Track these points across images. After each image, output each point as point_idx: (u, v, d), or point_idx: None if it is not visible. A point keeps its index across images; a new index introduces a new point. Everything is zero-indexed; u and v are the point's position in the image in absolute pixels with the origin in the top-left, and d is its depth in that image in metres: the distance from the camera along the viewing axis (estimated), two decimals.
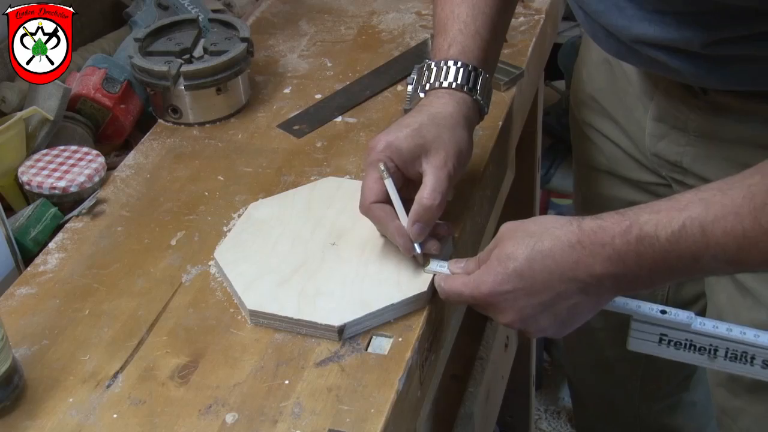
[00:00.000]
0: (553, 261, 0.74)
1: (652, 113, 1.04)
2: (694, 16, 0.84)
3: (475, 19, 0.89)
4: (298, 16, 1.31)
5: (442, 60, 0.88)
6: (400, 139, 0.82)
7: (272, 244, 0.87)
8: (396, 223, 0.81)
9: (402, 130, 0.82)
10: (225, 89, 1.08)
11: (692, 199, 0.71)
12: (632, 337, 0.80)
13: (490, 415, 1.36)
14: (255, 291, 0.82)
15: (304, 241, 0.87)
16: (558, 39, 1.88)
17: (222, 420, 0.72)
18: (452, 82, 0.86)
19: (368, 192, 0.82)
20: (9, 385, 0.74)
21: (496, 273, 0.76)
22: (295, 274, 0.83)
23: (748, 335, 0.76)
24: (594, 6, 0.93)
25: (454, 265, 0.81)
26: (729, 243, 0.69)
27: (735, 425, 1.11)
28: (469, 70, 0.87)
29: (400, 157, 0.82)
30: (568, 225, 0.75)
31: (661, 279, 0.75)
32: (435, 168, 0.81)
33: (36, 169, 0.97)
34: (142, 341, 0.80)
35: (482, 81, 0.88)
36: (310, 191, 0.94)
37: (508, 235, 0.77)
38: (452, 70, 0.87)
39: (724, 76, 0.88)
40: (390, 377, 0.75)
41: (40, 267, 0.89)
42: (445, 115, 0.84)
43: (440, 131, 0.83)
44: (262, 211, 0.91)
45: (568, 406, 2.02)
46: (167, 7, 1.22)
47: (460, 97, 0.86)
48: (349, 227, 0.88)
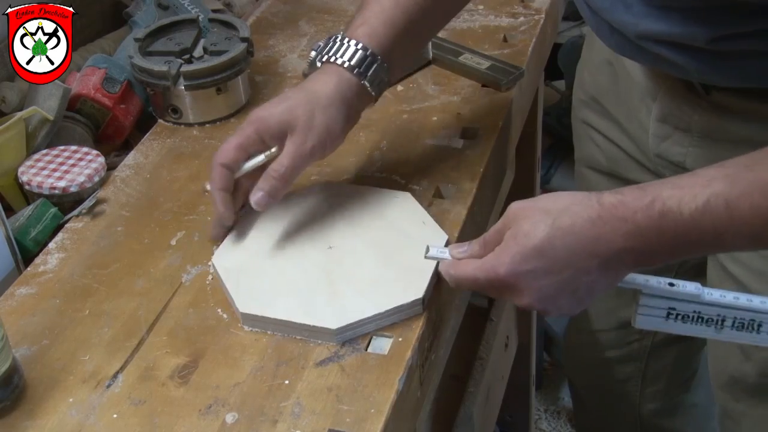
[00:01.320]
0: (574, 237, 0.72)
1: (656, 114, 1.04)
2: (700, 12, 0.84)
3: (396, 6, 0.89)
4: (298, 16, 1.31)
5: (348, 37, 0.89)
6: (273, 115, 0.85)
7: (269, 247, 0.87)
8: (224, 200, 0.86)
9: (277, 107, 0.86)
10: (225, 89, 1.08)
11: (716, 175, 0.70)
12: (639, 314, 0.79)
13: (490, 415, 1.36)
14: (249, 294, 0.82)
15: (300, 245, 0.87)
16: (558, 39, 1.88)
17: (222, 420, 0.72)
18: (345, 61, 0.87)
19: (222, 152, 0.86)
20: (9, 385, 0.74)
21: (514, 253, 0.73)
22: (291, 277, 0.83)
23: (754, 302, 0.76)
24: (600, 2, 0.93)
25: (456, 250, 0.80)
26: (755, 220, 0.69)
27: (737, 428, 1.11)
28: (367, 54, 0.87)
29: (267, 132, 0.86)
30: (587, 200, 0.73)
31: (681, 254, 0.74)
32: (293, 144, 0.84)
33: (36, 169, 0.97)
34: (142, 341, 0.80)
35: (377, 68, 0.88)
36: (307, 194, 0.94)
37: (522, 214, 0.75)
38: (350, 49, 0.88)
39: (729, 73, 0.88)
40: (390, 377, 0.75)
41: (40, 267, 0.89)
42: (321, 95, 0.86)
43: (312, 111, 0.85)
44: (259, 213, 0.91)
45: (568, 406, 2.02)
46: (167, 7, 1.22)
47: (346, 77, 0.87)
48: (345, 231, 0.88)
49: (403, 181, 0.96)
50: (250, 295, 0.81)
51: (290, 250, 0.87)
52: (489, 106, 1.07)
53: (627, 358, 1.36)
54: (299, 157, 0.84)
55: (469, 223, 0.94)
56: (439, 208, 0.92)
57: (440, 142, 1.02)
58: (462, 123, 1.05)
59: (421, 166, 0.98)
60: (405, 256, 0.84)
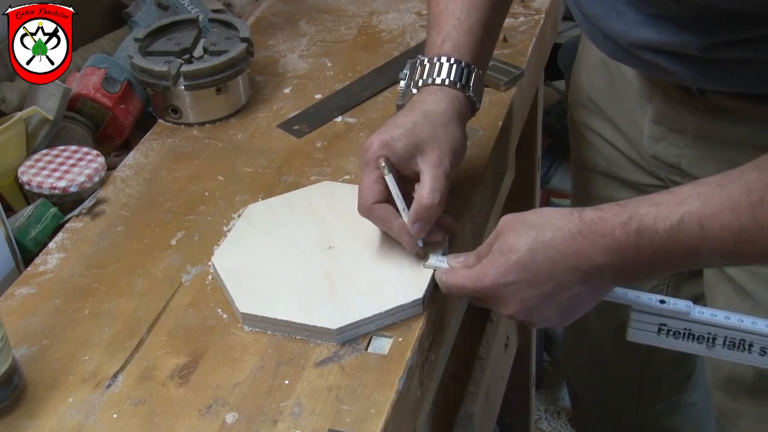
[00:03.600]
0: (555, 251, 0.74)
1: (651, 115, 1.04)
2: (692, 21, 0.84)
3: (469, 15, 0.90)
4: (298, 16, 1.31)
5: (435, 56, 0.88)
6: (395, 138, 0.82)
7: (269, 248, 0.87)
8: (399, 221, 0.81)
9: (396, 130, 0.83)
10: (225, 89, 1.08)
11: (690, 193, 0.72)
12: (631, 327, 0.81)
13: (490, 415, 1.36)
14: (249, 294, 0.82)
15: (300, 245, 0.87)
16: (558, 39, 1.87)
17: (222, 420, 0.72)
18: (445, 78, 0.87)
19: (367, 193, 0.82)
20: (9, 385, 0.74)
21: (498, 265, 0.76)
22: (291, 278, 0.83)
23: (745, 322, 0.77)
24: (593, 10, 0.93)
25: (453, 260, 0.82)
26: (726, 237, 0.70)
27: (734, 427, 1.11)
28: (462, 66, 0.87)
29: (396, 156, 0.82)
30: (569, 216, 0.75)
31: (661, 270, 0.76)
32: (431, 166, 0.81)
33: (36, 169, 0.97)
34: (142, 341, 0.80)
35: (475, 77, 0.88)
36: (307, 195, 0.94)
37: (509, 228, 0.77)
38: (445, 66, 0.87)
39: (722, 79, 0.88)
40: (390, 377, 0.75)
41: (40, 267, 0.89)
42: (438, 112, 0.85)
43: (434, 129, 0.83)
44: (258, 214, 0.91)
45: (568, 406, 2.02)
46: (167, 7, 1.22)
47: (452, 94, 0.87)
48: (345, 231, 0.88)
49: None
50: (250, 296, 0.81)
51: (290, 250, 0.87)
52: (489, 106, 1.07)
53: (625, 358, 1.36)
54: (440, 176, 0.81)
55: (470, 223, 0.94)
56: None
57: None
58: None
59: None
60: (405, 256, 0.84)
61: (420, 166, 0.82)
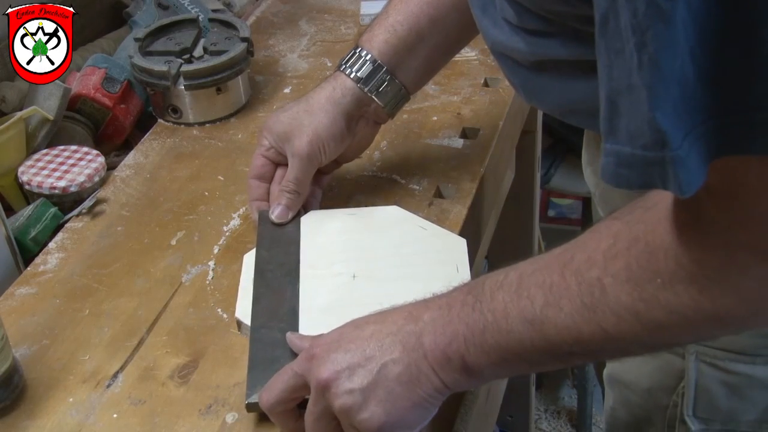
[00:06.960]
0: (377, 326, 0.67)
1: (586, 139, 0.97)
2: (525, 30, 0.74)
3: (397, 15, 0.89)
4: (298, 16, 1.31)
5: (361, 47, 0.90)
6: (277, 122, 0.89)
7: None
8: (255, 202, 0.89)
9: (282, 114, 0.89)
10: (225, 89, 1.08)
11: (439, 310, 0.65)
12: None
13: (490, 415, 1.36)
14: None
15: (322, 278, 0.83)
16: None
17: (222, 420, 0.72)
18: (352, 71, 0.89)
19: (251, 167, 0.90)
20: (9, 385, 0.74)
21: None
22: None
23: None
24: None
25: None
26: (537, 294, 0.61)
27: None
28: (375, 67, 0.88)
29: (274, 139, 0.89)
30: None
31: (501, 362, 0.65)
32: (291, 155, 0.87)
33: (36, 169, 0.97)
34: (142, 341, 0.80)
35: (381, 79, 0.88)
36: (315, 223, 0.89)
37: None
38: (360, 60, 0.89)
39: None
40: None
41: (40, 267, 0.89)
42: (314, 101, 0.88)
43: (305, 117, 0.87)
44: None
45: (568, 406, 2.02)
46: (167, 7, 1.22)
47: (348, 87, 0.88)
48: (362, 258, 0.84)
49: (403, 181, 0.96)
50: None
51: (314, 284, 0.82)
52: (489, 106, 1.07)
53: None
54: (300, 164, 0.87)
55: (469, 222, 0.94)
56: (439, 207, 0.92)
57: (440, 142, 1.02)
58: (462, 123, 1.05)
59: (422, 166, 0.98)
60: (428, 272, 0.82)
61: (287, 152, 0.88)
